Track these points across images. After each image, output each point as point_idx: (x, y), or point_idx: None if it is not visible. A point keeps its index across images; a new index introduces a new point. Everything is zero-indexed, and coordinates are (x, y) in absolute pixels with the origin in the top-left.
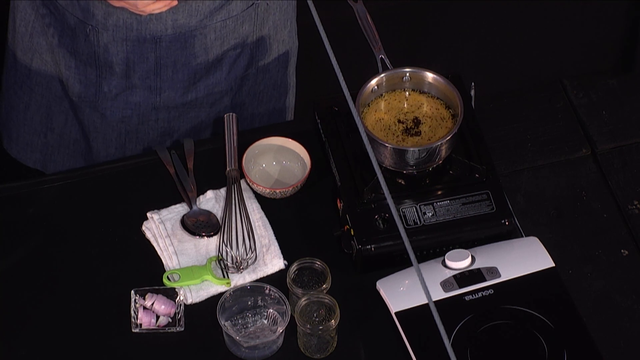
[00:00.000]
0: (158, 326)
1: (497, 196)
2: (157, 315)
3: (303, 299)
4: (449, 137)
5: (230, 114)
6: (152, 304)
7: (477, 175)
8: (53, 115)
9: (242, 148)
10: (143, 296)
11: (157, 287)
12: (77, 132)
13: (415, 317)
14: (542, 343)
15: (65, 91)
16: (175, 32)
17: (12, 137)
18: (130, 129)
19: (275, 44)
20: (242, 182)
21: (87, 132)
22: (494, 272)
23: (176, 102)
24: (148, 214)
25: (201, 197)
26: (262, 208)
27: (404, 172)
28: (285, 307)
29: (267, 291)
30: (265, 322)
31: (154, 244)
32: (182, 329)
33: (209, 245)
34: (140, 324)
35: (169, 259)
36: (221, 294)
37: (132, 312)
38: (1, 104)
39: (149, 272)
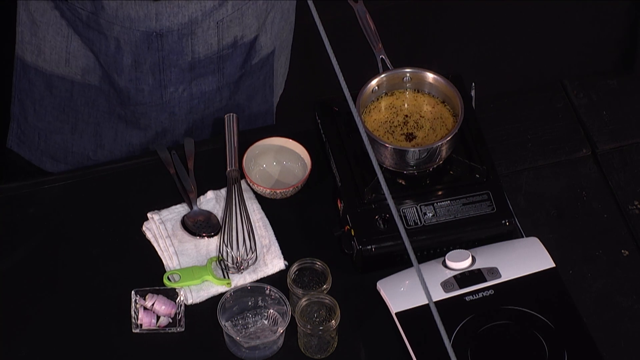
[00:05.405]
0: (158, 326)
1: (497, 196)
2: (157, 315)
3: (303, 300)
4: (449, 138)
5: (231, 114)
6: (153, 305)
7: (477, 175)
8: (102, 131)
9: (242, 148)
10: (143, 296)
11: (157, 288)
12: (129, 146)
13: (416, 317)
14: (542, 343)
15: (114, 104)
16: (234, 10)
17: (59, 159)
18: (197, 118)
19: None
20: (243, 182)
21: (152, 138)
22: (494, 272)
23: (235, 76)
24: (148, 215)
25: (201, 197)
26: (263, 208)
27: (405, 172)
28: (285, 307)
29: (267, 291)
30: (266, 322)
31: (155, 245)
32: (183, 330)
33: (210, 245)
34: (141, 325)
35: (170, 260)
36: (221, 294)
37: (133, 313)
38: (34, 130)
39: (149, 273)
